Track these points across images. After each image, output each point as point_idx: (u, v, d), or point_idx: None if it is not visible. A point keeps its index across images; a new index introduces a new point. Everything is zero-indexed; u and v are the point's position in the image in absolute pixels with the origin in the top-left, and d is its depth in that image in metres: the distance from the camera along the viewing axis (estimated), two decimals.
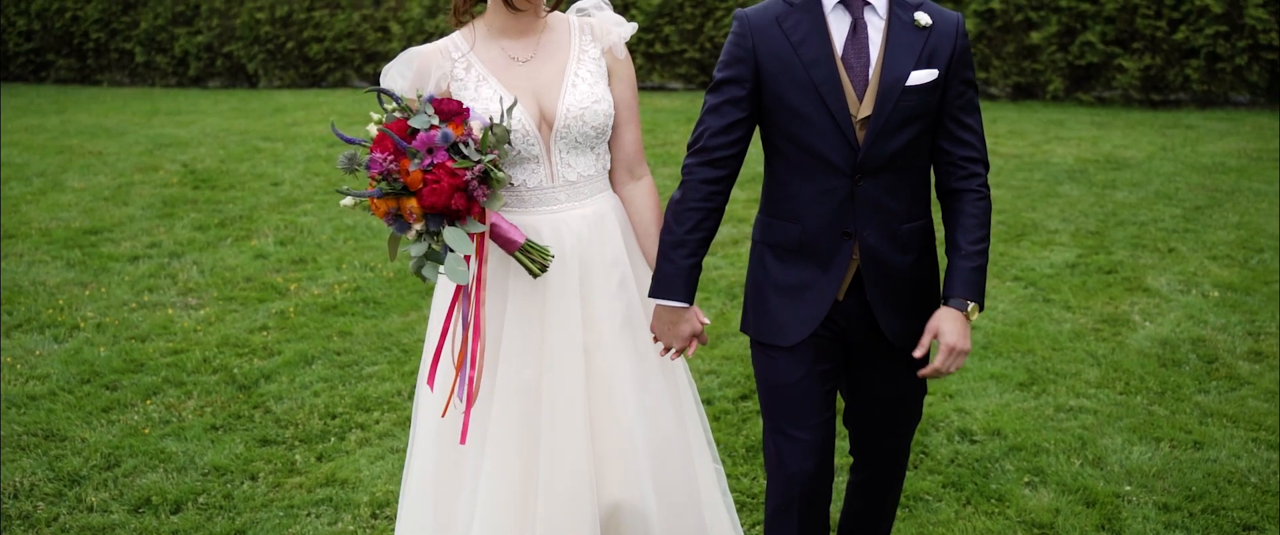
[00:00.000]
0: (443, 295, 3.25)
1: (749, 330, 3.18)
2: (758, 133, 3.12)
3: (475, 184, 2.86)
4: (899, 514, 4.17)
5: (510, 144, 3.00)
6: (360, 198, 2.91)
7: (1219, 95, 14.49)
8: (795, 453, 3.15)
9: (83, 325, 6.25)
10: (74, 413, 5.14)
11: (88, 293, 6.83)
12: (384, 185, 2.85)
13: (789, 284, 3.06)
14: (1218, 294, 6.44)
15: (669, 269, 3.05)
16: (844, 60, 2.93)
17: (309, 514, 4.29)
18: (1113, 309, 6.24)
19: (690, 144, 3.05)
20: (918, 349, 3.05)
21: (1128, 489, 4.32)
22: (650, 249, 3.25)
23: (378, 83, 3.12)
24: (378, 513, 4.27)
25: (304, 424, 5.01)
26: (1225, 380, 5.28)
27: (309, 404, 5.20)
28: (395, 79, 3.10)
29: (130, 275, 7.17)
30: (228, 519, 4.27)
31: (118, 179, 10.04)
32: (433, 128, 2.85)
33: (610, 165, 3.25)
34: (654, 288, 3.08)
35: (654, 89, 16.25)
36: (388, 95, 2.97)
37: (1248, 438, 4.69)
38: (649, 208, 3.27)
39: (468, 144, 2.87)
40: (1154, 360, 5.52)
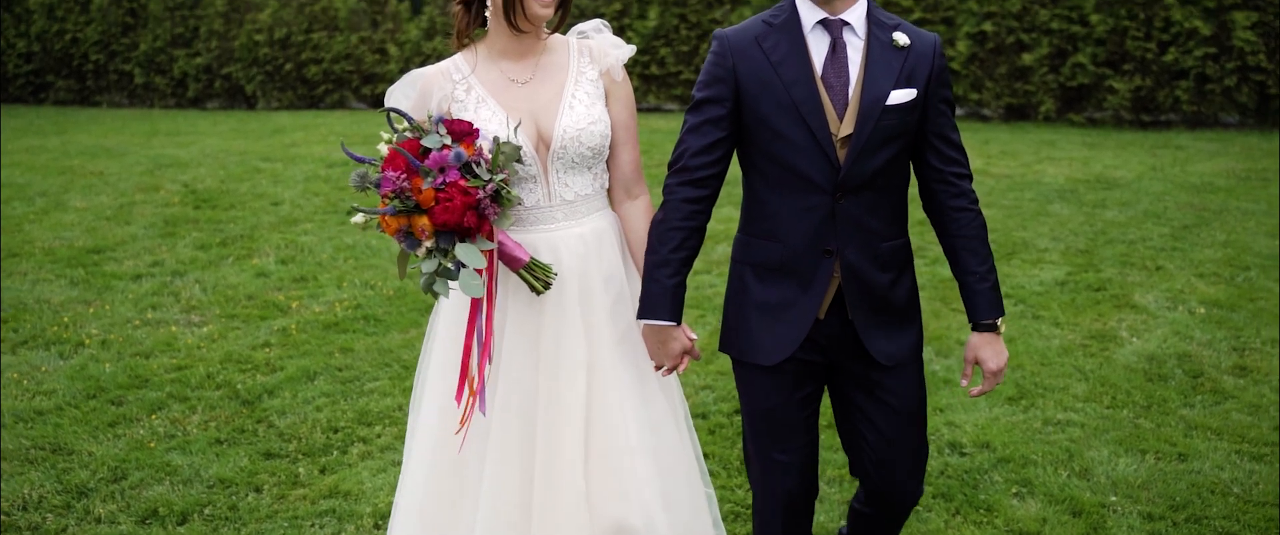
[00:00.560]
0: (445, 314, 3.32)
1: (729, 350, 3.22)
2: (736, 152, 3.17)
3: (487, 202, 2.92)
4: None
5: (520, 161, 3.07)
6: (372, 215, 2.98)
7: (1209, 116, 14.65)
8: (777, 472, 3.24)
9: (87, 342, 6.34)
10: (80, 427, 5.23)
11: (92, 310, 6.93)
12: (396, 203, 2.91)
13: (769, 303, 3.10)
14: (1204, 311, 6.55)
15: (654, 289, 3.09)
16: (824, 80, 2.96)
17: (313, 525, 4.38)
18: (1101, 325, 6.36)
19: (671, 164, 3.11)
20: (964, 379, 3.20)
21: (1113, 499, 4.42)
22: None
23: (375, 104, 3.19)
24: (380, 524, 4.36)
25: (307, 438, 5.10)
26: (1210, 394, 5.39)
27: (312, 418, 5.30)
28: (399, 99, 3.19)
29: (133, 293, 7.27)
30: (233, 530, 4.36)
31: (119, 199, 10.15)
32: (445, 147, 2.92)
33: (609, 184, 3.32)
34: (640, 309, 3.13)
35: (650, 110, 16.39)
36: (400, 115, 3.04)
37: (1231, 450, 4.80)
38: (646, 226, 3.32)
39: (479, 163, 2.94)
40: (1140, 375, 5.63)
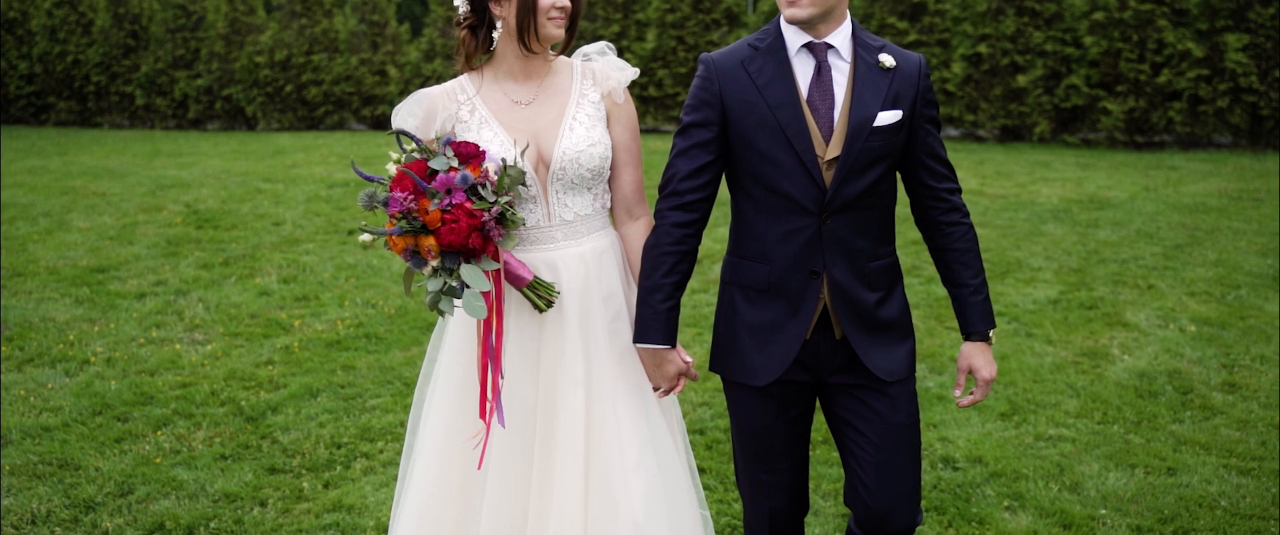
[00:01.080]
0: (451, 337, 3.37)
1: (720, 370, 3.26)
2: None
3: (492, 224, 2.99)
4: None
5: (525, 185, 3.13)
6: (379, 235, 3.05)
7: (1202, 137, 14.78)
8: (764, 490, 3.31)
9: (93, 360, 6.43)
10: (87, 443, 5.31)
11: (97, 329, 7.01)
12: (403, 223, 2.98)
13: (759, 324, 3.13)
14: (1195, 329, 6.65)
15: (646, 313, 3.15)
16: (809, 102, 2.99)
17: None
18: (1093, 343, 6.45)
19: (660, 187, 3.16)
20: (956, 388, 3.27)
21: (1103, 513, 4.50)
22: None
23: (375, 125, 3.25)
24: None
25: (310, 453, 5.18)
26: (1199, 410, 5.47)
27: (315, 434, 5.38)
28: (406, 118, 3.24)
29: (138, 312, 7.35)
30: None
31: (122, 219, 10.24)
32: (452, 170, 2.98)
33: (611, 205, 3.37)
34: (635, 332, 3.19)
35: (648, 131, 16.52)
36: (408, 137, 3.11)
37: (1219, 464, 4.88)
38: None
39: (485, 186, 3.00)
40: (1131, 391, 5.71)
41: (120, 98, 20.94)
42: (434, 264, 3.02)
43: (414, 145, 3.08)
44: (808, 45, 3.01)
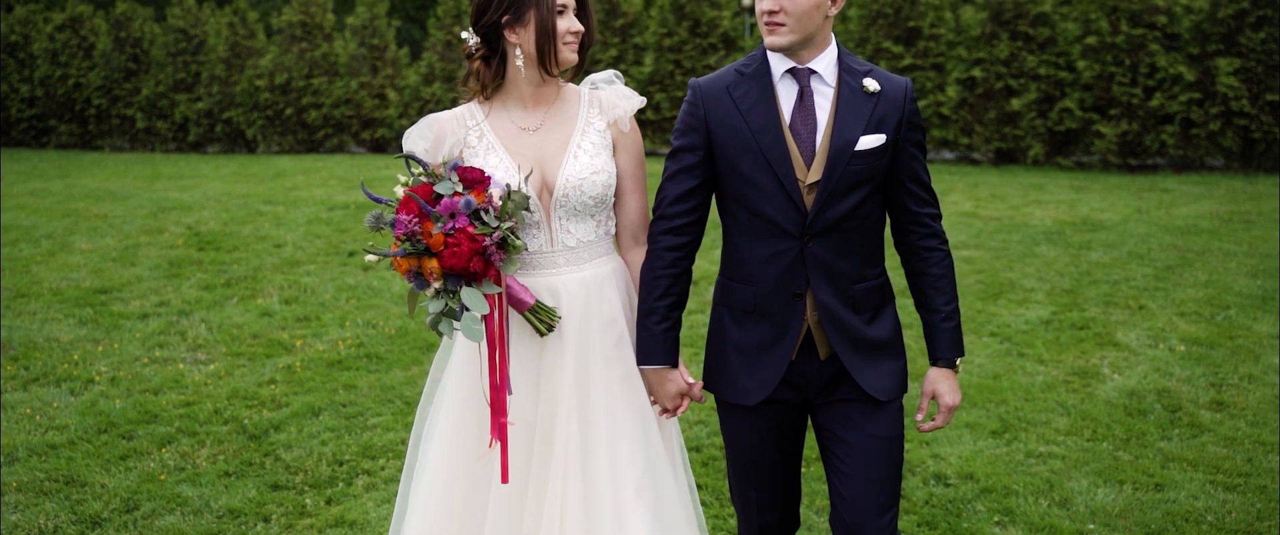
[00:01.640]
0: (456, 361, 3.42)
1: (711, 389, 3.33)
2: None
3: (493, 249, 3.04)
4: None
5: (528, 210, 3.18)
6: (384, 256, 3.12)
7: (1195, 160, 14.92)
8: (756, 507, 3.38)
9: (97, 379, 6.51)
10: (93, 460, 5.39)
11: (100, 349, 7.10)
12: (407, 245, 3.05)
13: (747, 345, 3.17)
14: (1184, 348, 6.74)
15: (644, 336, 3.23)
16: (791, 127, 3.05)
17: None
18: (1083, 362, 6.54)
19: (653, 210, 3.24)
20: (920, 412, 3.26)
21: (1091, 528, 4.59)
22: None
23: (374, 148, 3.31)
24: None
25: (313, 470, 5.26)
26: (1187, 428, 5.57)
27: (317, 452, 5.46)
28: (416, 142, 3.31)
29: (141, 332, 7.44)
30: None
31: (124, 241, 10.34)
32: (456, 194, 3.04)
33: (617, 231, 3.42)
34: (637, 355, 3.26)
35: (646, 154, 16.57)
36: (416, 161, 3.18)
37: (1206, 480, 4.97)
38: None
39: (488, 211, 3.06)
40: (1121, 410, 5.80)
41: (121, 121, 21.07)
42: (436, 286, 3.07)
43: (421, 169, 3.15)
44: (791, 71, 3.06)
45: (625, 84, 3.45)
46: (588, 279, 3.29)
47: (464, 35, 3.30)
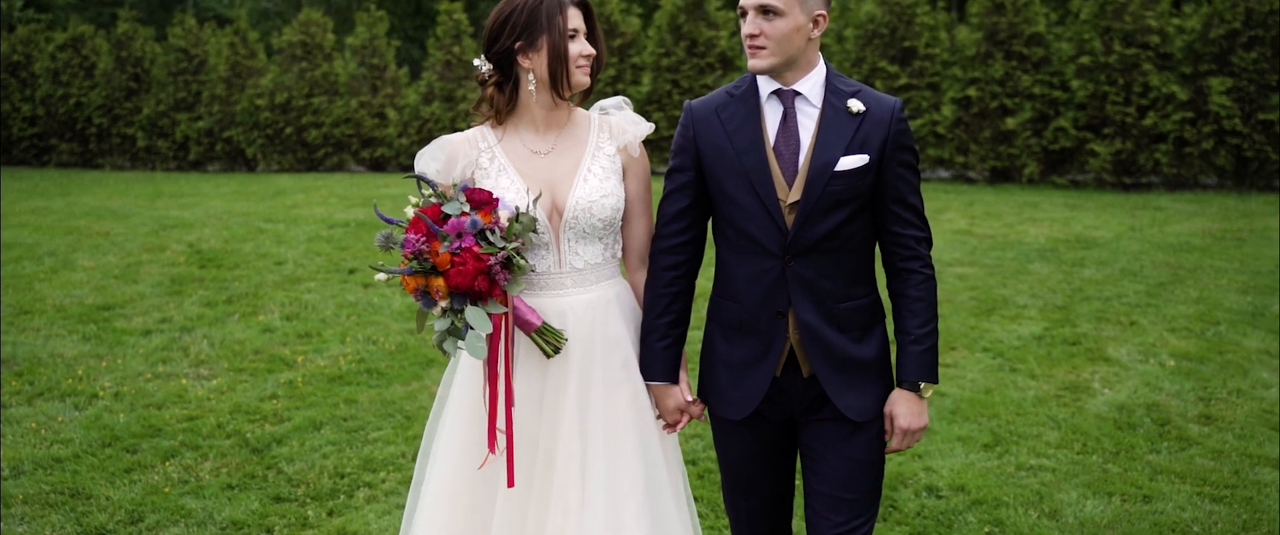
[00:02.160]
0: (461, 375, 3.47)
1: (704, 401, 3.41)
2: None
3: (498, 268, 3.10)
4: None
5: (536, 231, 3.24)
6: (393, 274, 3.18)
7: (1188, 178, 15.04)
8: (746, 519, 3.46)
9: (101, 394, 6.59)
10: (98, 473, 5.47)
11: (104, 364, 7.18)
12: (415, 264, 3.11)
13: (734, 361, 3.23)
14: (1174, 363, 6.84)
15: (645, 352, 3.32)
16: (775, 148, 3.11)
17: None
18: (1074, 377, 6.63)
19: (654, 231, 3.33)
20: (885, 435, 3.22)
21: None
22: None
23: (374, 167, 3.36)
24: None
25: (315, 483, 5.34)
26: (1176, 441, 5.65)
27: (319, 465, 5.54)
28: (428, 163, 3.36)
29: (144, 348, 7.53)
30: None
31: (126, 258, 10.43)
32: (463, 214, 3.11)
33: (623, 253, 3.48)
34: (641, 370, 3.35)
35: None
36: (426, 182, 3.25)
37: (1193, 492, 5.06)
38: None
39: (494, 231, 3.12)
40: (1111, 423, 5.89)
41: (122, 139, 21.19)
42: (443, 304, 3.13)
43: (430, 190, 3.21)
44: (777, 92, 3.13)
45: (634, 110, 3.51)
46: (594, 301, 3.34)
47: (476, 62, 3.36)
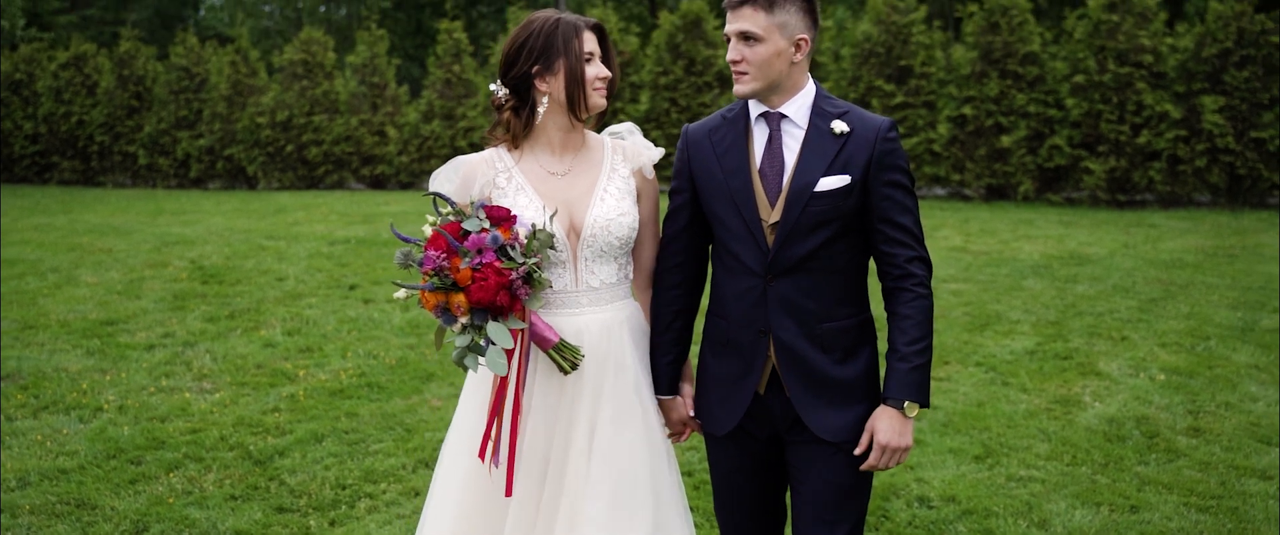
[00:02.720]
0: (470, 388, 3.53)
1: (696, 415, 3.47)
2: None
3: (519, 283, 3.16)
4: None
5: (554, 248, 3.31)
6: (413, 290, 3.22)
7: (1182, 196, 15.16)
8: (732, 530, 3.51)
9: (106, 407, 6.68)
10: (103, 484, 5.55)
11: (108, 378, 7.27)
12: (435, 280, 3.15)
13: (722, 377, 3.29)
14: (1164, 377, 6.93)
15: (652, 367, 3.44)
16: (761, 170, 3.17)
17: None
18: (1066, 391, 6.73)
19: (657, 249, 3.44)
20: (858, 447, 3.17)
21: None
22: None
23: (374, 184, 3.40)
24: None
25: (317, 494, 5.43)
26: (1164, 453, 5.75)
27: (321, 476, 5.63)
28: (443, 183, 3.42)
29: (147, 362, 7.62)
30: None
31: (129, 274, 10.53)
32: (483, 230, 3.17)
33: (633, 275, 3.55)
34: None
35: None
36: (443, 199, 3.31)
37: (1180, 502, 5.15)
38: None
39: (514, 247, 3.19)
40: (1100, 436, 5.99)
41: (123, 157, 21.32)
42: (463, 321, 3.17)
43: (449, 208, 3.27)
44: (764, 114, 3.20)
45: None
46: (609, 320, 3.40)
47: (493, 87, 3.43)
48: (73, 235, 13.26)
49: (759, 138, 3.22)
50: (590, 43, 3.35)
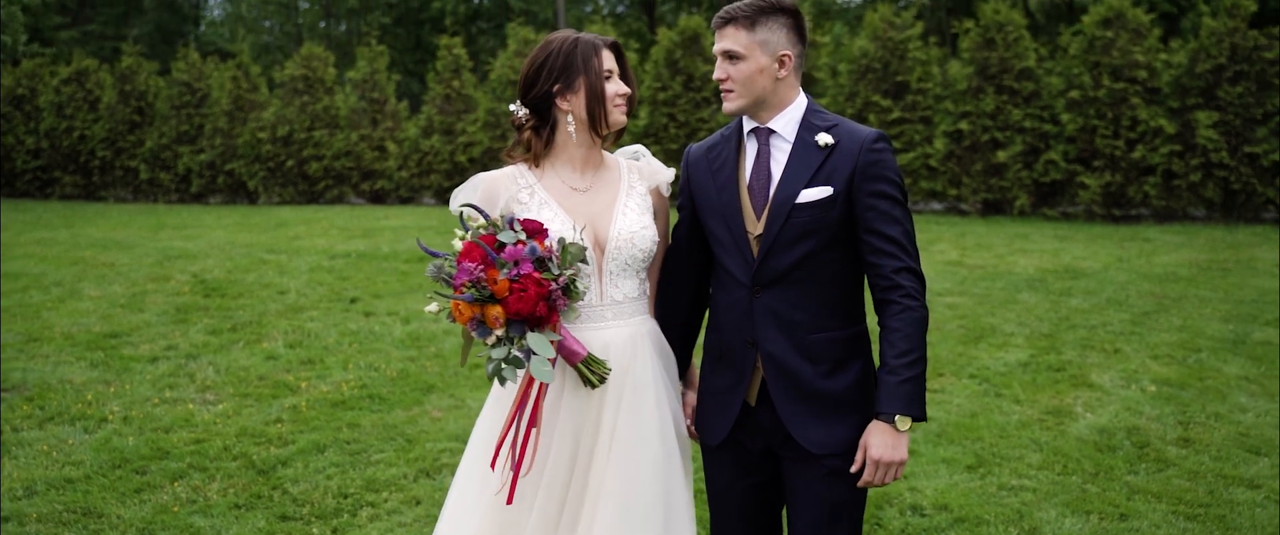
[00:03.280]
0: (490, 401, 3.58)
1: (694, 426, 3.54)
2: None
3: (558, 294, 3.19)
4: None
5: (584, 261, 3.33)
6: (447, 302, 3.22)
7: (1177, 210, 15.26)
8: None
9: (110, 418, 6.77)
10: (108, 493, 5.63)
11: (112, 390, 7.36)
12: (473, 292, 3.15)
13: (716, 388, 3.34)
14: (1155, 388, 7.02)
15: None
16: (749, 185, 3.23)
17: None
18: (1058, 402, 6.82)
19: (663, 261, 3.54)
20: (853, 465, 3.14)
21: None
22: None
23: (374, 199, 3.44)
24: None
25: (319, 503, 5.51)
26: (1154, 462, 5.83)
27: (323, 486, 5.71)
28: (466, 199, 3.44)
29: (151, 374, 7.71)
30: None
31: (132, 288, 10.63)
32: (520, 242, 3.19)
33: (648, 291, 3.61)
34: None
35: None
36: (476, 211, 3.33)
37: (1169, 511, 5.24)
38: None
39: (551, 258, 3.22)
40: (1091, 446, 6.07)
41: (124, 172, 21.43)
42: (499, 333, 3.17)
43: (483, 220, 3.28)
44: (754, 130, 3.27)
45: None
46: (633, 334, 3.44)
47: (512, 107, 3.48)
48: (75, 249, 13.35)
49: (749, 153, 3.28)
50: (609, 60, 3.42)
